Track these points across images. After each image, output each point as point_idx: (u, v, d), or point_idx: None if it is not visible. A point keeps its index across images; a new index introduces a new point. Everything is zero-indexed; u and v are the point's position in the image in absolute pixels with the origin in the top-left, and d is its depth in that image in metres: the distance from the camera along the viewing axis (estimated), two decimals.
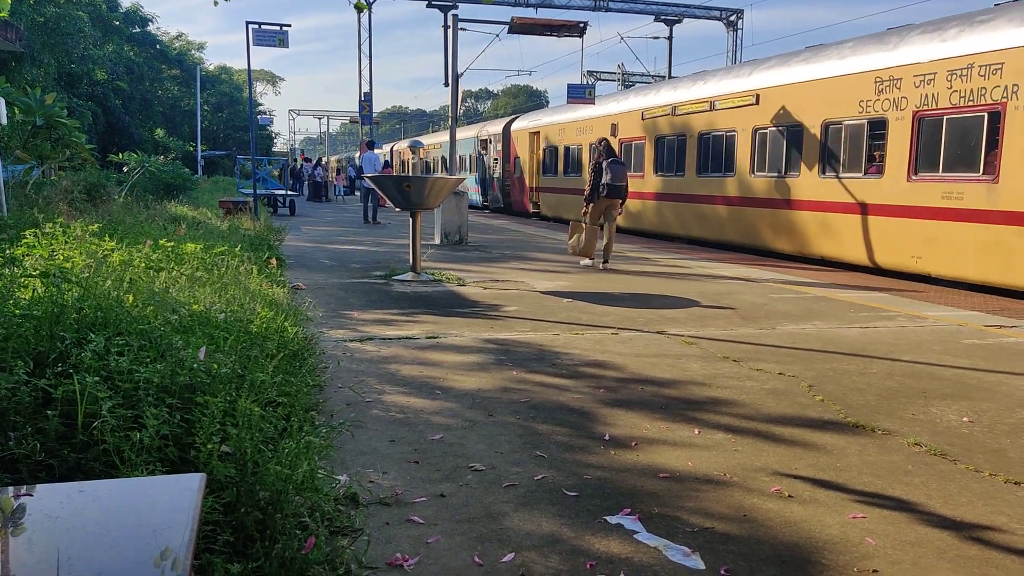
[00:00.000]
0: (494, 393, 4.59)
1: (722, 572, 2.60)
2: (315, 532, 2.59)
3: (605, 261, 11.18)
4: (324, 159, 45.53)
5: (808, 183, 13.03)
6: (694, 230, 16.58)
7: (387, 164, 35.00)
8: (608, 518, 2.97)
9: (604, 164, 11.12)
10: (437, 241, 14.44)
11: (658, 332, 6.48)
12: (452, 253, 12.81)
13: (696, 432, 3.99)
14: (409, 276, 9.42)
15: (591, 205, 11.20)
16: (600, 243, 11.32)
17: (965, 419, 4.28)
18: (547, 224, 21.88)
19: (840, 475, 3.45)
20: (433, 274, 9.68)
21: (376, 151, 22.14)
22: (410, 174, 32.54)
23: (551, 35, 18.67)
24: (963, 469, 3.56)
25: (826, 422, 4.19)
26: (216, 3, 4.43)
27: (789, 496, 3.22)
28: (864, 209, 11.76)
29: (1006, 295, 9.52)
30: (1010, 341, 6.43)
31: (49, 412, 2.77)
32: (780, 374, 5.16)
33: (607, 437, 3.88)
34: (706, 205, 16.10)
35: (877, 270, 11.71)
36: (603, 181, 11.05)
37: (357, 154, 39.12)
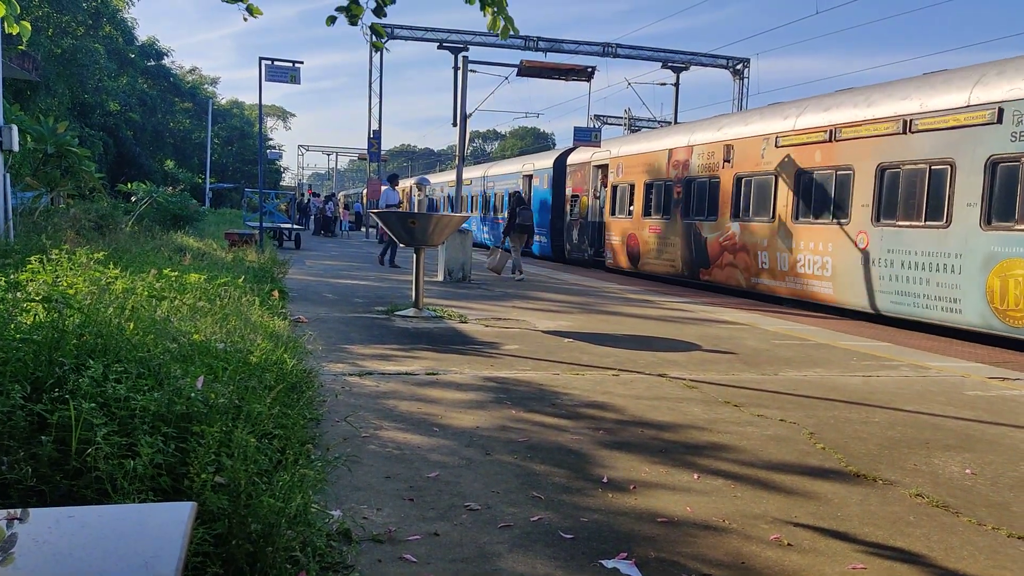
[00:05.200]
0: (492, 432, 4.56)
1: None
2: (306, 567, 2.55)
3: (519, 273, 15.77)
4: (338, 195, 44.92)
5: None
6: None
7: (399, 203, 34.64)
8: (604, 562, 2.93)
9: (517, 210, 16.27)
10: (440, 278, 14.47)
11: (659, 375, 6.45)
12: (455, 290, 12.82)
13: (695, 477, 3.94)
14: (411, 312, 9.42)
15: (507, 237, 16.29)
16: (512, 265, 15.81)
17: (968, 471, 4.23)
18: (543, 264, 21.93)
19: (841, 524, 3.41)
20: (435, 310, 9.68)
21: (395, 187, 18.69)
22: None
23: (559, 79, 18.96)
24: (966, 522, 3.51)
25: (827, 470, 4.14)
26: (245, 19, 4.48)
27: (788, 544, 3.17)
28: None
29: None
30: (1014, 394, 6.38)
31: (43, 437, 2.75)
32: (781, 420, 5.12)
33: (605, 480, 3.84)
34: None
35: None
36: (516, 222, 16.14)
37: (364, 191, 39.20)
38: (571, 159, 23.36)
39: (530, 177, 26.27)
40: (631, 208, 19.04)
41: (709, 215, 15.71)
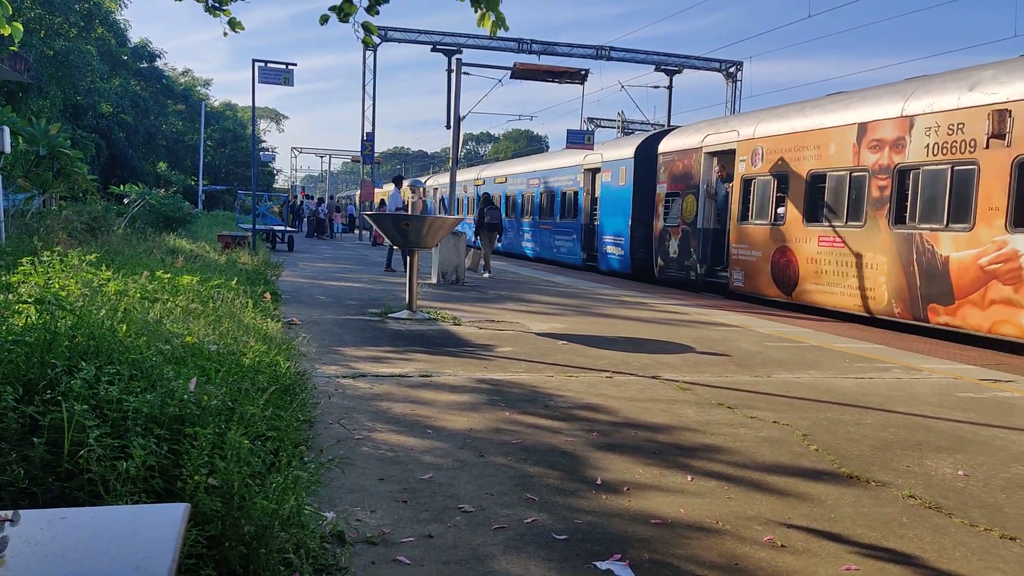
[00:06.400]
0: (486, 434, 4.56)
1: None
2: (299, 569, 2.54)
3: (487, 271, 16.62)
4: (335, 197, 44.69)
5: None
6: None
7: (383, 203, 34.05)
8: (598, 564, 2.93)
9: (485, 210, 17.16)
10: (434, 280, 14.46)
11: (652, 377, 6.45)
12: (449, 292, 12.81)
13: (689, 479, 3.95)
14: (405, 314, 9.41)
15: (478, 236, 17.10)
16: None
17: (960, 473, 4.25)
18: (541, 267, 21.92)
19: (834, 526, 3.41)
20: (429, 313, 9.67)
21: (400, 187, 17.31)
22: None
23: (553, 81, 18.99)
24: (958, 523, 3.52)
25: (820, 472, 4.15)
26: (225, 34, 4.53)
27: (782, 546, 3.17)
28: None
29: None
30: (1005, 396, 6.41)
31: (36, 439, 2.74)
32: (774, 422, 5.13)
33: (599, 481, 3.84)
34: None
35: None
36: (485, 221, 16.97)
37: (357, 193, 39.11)
38: (665, 145, 17.63)
39: (594, 171, 21.23)
40: (780, 211, 13.54)
41: (954, 222, 10.40)
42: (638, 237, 18.76)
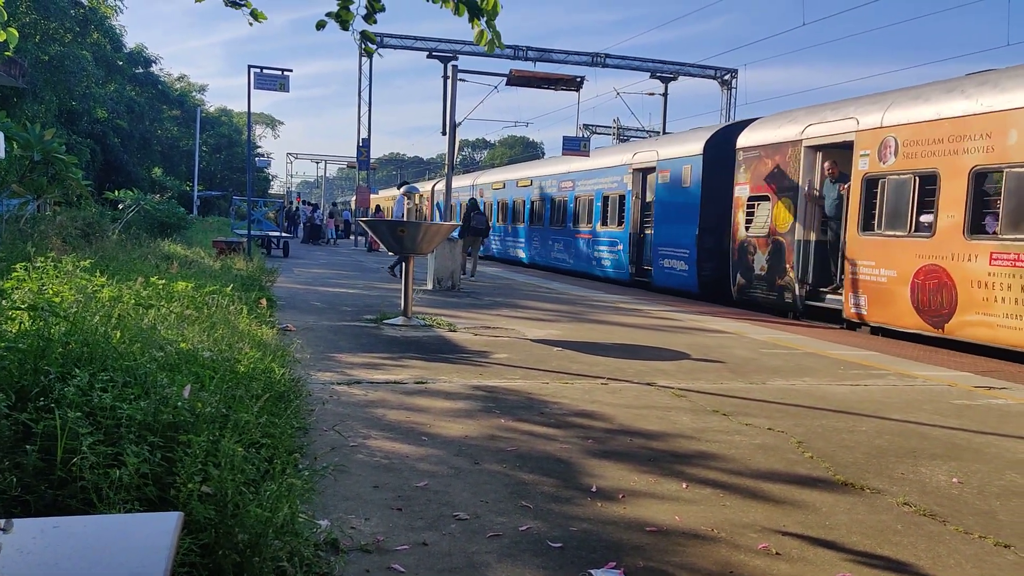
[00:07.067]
0: (481, 441, 4.55)
1: None
2: None
3: (472, 276, 17.37)
4: (336, 203, 44.99)
5: None
6: None
7: (379, 209, 33.81)
8: (593, 571, 2.92)
9: (472, 214, 17.58)
10: (430, 286, 14.45)
11: (648, 384, 6.45)
12: (444, 299, 12.80)
13: (684, 486, 3.95)
14: (400, 320, 9.40)
15: (462, 239, 16.32)
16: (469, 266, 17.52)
17: (955, 480, 4.26)
18: (538, 273, 21.92)
19: (829, 533, 3.41)
20: (424, 319, 9.66)
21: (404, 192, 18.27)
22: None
23: (548, 88, 19.02)
24: (952, 530, 3.52)
25: (815, 479, 4.16)
26: (251, 23, 4.51)
27: (777, 553, 3.17)
28: None
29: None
30: (999, 403, 6.43)
31: (28, 447, 2.73)
32: (769, 429, 5.14)
33: (594, 489, 3.83)
34: None
35: None
36: (470, 225, 17.25)
37: (353, 199, 39.09)
38: (748, 139, 14.31)
39: (646, 172, 18.10)
40: (926, 218, 10.55)
41: None
42: (707, 249, 15.62)
